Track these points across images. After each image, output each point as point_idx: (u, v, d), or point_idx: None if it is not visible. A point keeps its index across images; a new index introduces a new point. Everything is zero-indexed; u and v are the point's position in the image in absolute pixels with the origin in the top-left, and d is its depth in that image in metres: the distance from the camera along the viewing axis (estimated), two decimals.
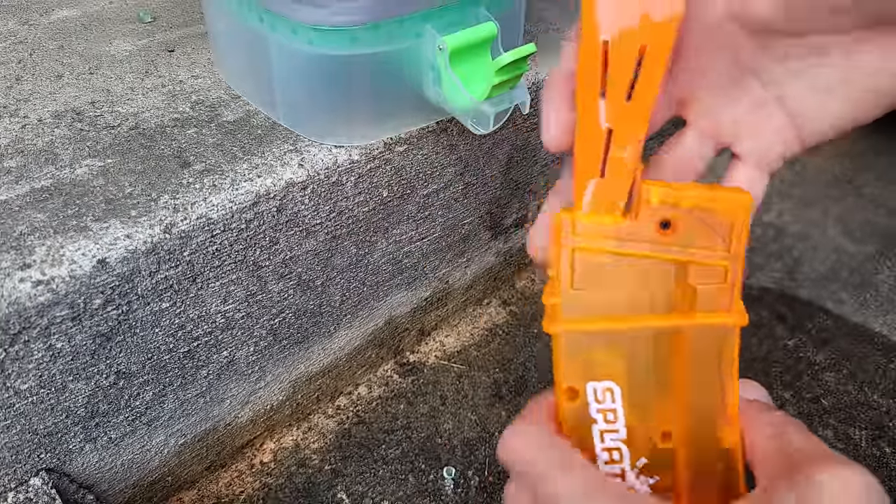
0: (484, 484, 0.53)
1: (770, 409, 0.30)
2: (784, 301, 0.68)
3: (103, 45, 0.56)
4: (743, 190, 0.30)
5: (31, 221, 0.39)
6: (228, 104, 0.49)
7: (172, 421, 0.48)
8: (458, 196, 0.54)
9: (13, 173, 0.42)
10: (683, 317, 0.30)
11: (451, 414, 0.58)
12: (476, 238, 0.60)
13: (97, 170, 0.43)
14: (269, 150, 0.45)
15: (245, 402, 0.52)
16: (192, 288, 0.42)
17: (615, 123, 0.30)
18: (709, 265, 0.29)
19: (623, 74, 0.29)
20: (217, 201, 0.41)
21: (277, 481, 0.54)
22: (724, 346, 0.30)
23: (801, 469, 0.27)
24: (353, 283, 0.52)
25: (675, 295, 0.30)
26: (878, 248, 0.75)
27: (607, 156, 0.30)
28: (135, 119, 0.47)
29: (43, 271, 0.36)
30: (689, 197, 0.29)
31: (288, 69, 0.43)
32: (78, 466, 0.44)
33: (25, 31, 0.57)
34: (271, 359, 0.51)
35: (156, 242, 0.39)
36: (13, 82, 0.50)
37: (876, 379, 0.61)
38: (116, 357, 0.41)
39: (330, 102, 0.43)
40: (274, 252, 0.45)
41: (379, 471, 0.54)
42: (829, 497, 0.26)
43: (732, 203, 0.29)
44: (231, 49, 0.48)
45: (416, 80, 0.43)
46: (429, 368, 0.62)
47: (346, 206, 0.47)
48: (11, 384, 0.38)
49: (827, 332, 0.65)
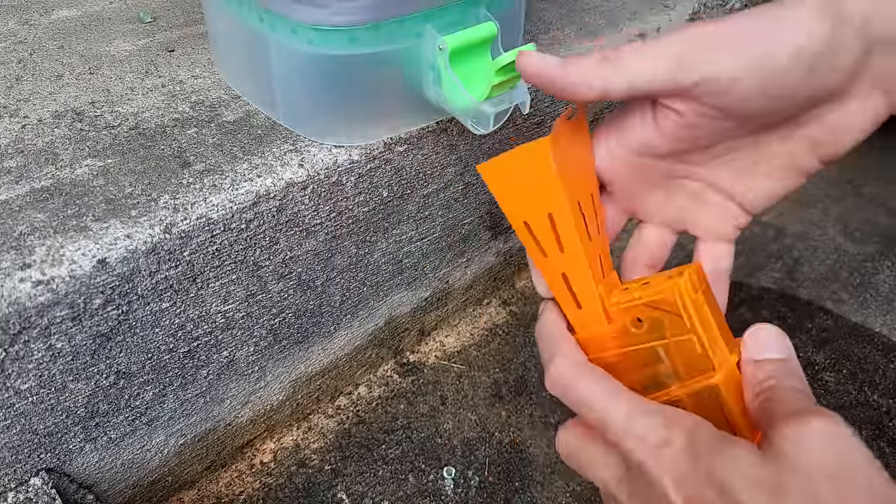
0: (484, 484, 0.53)
1: (771, 364, 0.33)
2: (784, 301, 0.68)
3: (103, 45, 0.56)
4: (689, 268, 0.35)
5: (31, 221, 0.39)
6: (228, 104, 0.49)
7: (172, 421, 0.48)
8: (458, 196, 0.54)
9: (13, 173, 0.42)
10: (678, 388, 0.36)
11: (451, 414, 0.58)
12: (476, 238, 0.60)
13: (97, 170, 0.43)
14: (269, 150, 0.45)
15: (245, 402, 0.52)
16: (192, 288, 0.42)
17: (564, 270, 0.38)
18: (681, 342, 0.35)
19: (547, 238, 0.37)
20: (217, 201, 0.41)
21: (277, 481, 0.54)
22: (720, 398, 0.35)
23: (775, 424, 0.30)
24: (353, 283, 0.52)
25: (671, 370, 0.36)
26: (878, 248, 0.75)
27: (573, 292, 0.38)
28: (135, 119, 0.47)
29: (43, 271, 0.36)
30: (642, 296, 0.35)
31: (288, 69, 0.43)
32: (78, 466, 0.44)
33: (25, 31, 0.57)
34: (271, 359, 0.51)
35: (156, 242, 0.39)
36: (13, 82, 0.50)
37: (876, 379, 0.61)
38: (116, 357, 0.41)
39: (330, 102, 0.43)
40: (274, 252, 0.45)
41: (379, 471, 0.54)
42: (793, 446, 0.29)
43: (673, 289, 0.34)
44: (231, 49, 0.48)
45: (416, 80, 0.43)
46: (429, 368, 0.62)
47: (346, 206, 0.47)
48: (11, 384, 0.38)
49: (827, 332, 0.65)
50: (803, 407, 0.30)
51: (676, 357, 0.35)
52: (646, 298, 0.35)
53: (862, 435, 0.56)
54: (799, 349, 0.63)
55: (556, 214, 0.37)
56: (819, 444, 0.29)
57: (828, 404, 0.59)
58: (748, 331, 0.35)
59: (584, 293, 0.38)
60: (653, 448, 0.31)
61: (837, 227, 0.78)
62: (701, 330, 0.34)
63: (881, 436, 0.56)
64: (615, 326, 0.37)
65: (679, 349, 0.35)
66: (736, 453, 0.30)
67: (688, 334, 0.34)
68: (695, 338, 0.34)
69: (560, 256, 0.38)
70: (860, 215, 0.79)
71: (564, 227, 0.37)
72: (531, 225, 0.38)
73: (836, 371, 0.62)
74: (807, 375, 0.45)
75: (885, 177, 0.85)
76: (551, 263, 0.38)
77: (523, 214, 0.38)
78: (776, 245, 0.75)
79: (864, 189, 0.83)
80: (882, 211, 0.80)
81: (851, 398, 0.59)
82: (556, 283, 0.38)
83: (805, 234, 0.77)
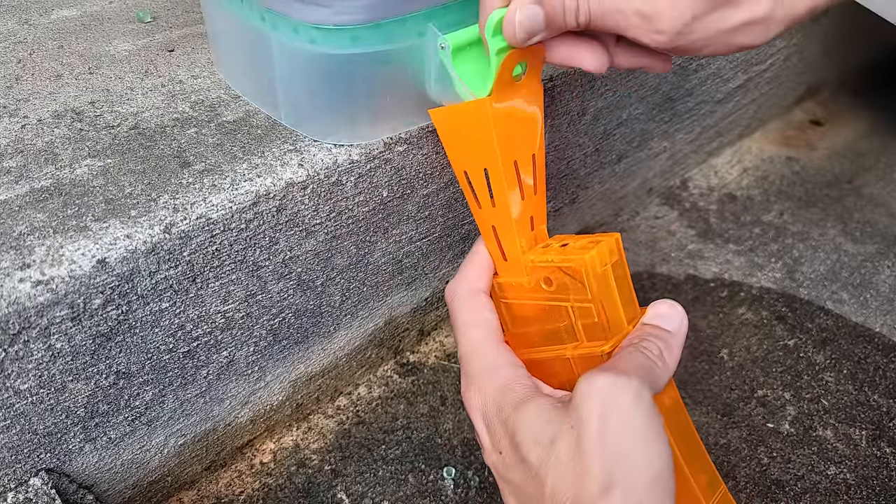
0: (484, 484, 0.53)
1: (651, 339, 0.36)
2: (784, 301, 0.68)
3: (103, 45, 0.56)
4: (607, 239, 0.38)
5: (31, 221, 0.39)
6: (228, 104, 0.49)
7: (172, 421, 0.47)
8: (458, 196, 0.54)
9: (13, 173, 0.42)
10: (573, 348, 0.39)
11: (451, 414, 0.58)
12: (476, 238, 0.60)
13: (97, 170, 0.43)
14: (268, 150, 0.45)
15: (245, 402, 0.52)
16: (191, 288, 0.42)
17: (494, 223, 0.41)
18: (582, 307, 0.38)
19: (482, 190, 0.40)
20: (217, 201, 0.41)
21: (277, 481, 0.54)
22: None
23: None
24: (353, 283, 0.52)
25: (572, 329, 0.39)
26: (878, 248, 0.75)
27: (500, 245, 0.41)
28: (135, 119, 0.47)
29: (43, 271, 0.36)
30: (554, 259, 0.38)
31: (289, 68, 0.43)
32: (78, 466, 0.44)
33: (25, 31, 0.57)
34: (271, 359, 0.51)
35: (156, 242, 0.39)
36: (13, 82, 0.50)
37: (876, 379, 0.61)
38: (116, 357, 0.41)
39: (332, 102, 0.43)
40: (274, 252, 0.45)
41: (379, 471, 0.54)
42: (580, 397, 0.32)
43: (581, 261, 0.37)
44: (231, 49, 0.48)
45: (418, 79, 0.43)
46: (429, 368, 0.62)
47: (346, 206, 0.47)
48: (11, 384, 0.38)
49: (827, 332, 0.65)
50: (615, 366, 0.34)
51: (578, 319, 0.39)
52: (557, 262, 0.38)
53: (862, 435, 0.56)
54: (799, 349, 0.63)
55: (491, 170, 0.39)
56: (598, 397, 0.32)
57: (828, 404, 0.59)
58: (652, 303, 0.39)
59: (509, 247, 0.41)
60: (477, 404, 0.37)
61: (837, 227, 0.78)
62: (601, 301, 0.37)
63: (881, 436, 0.56)
64: (530, 279, 0.40)
65: (580, 313, 0.38)
66: (529, 409, 0.34)
67: (588, 303, 0.37)
68: (593, 307, 0.37)
69: (491, 210, 0.40)
70: (860, 215, 0.79)
71: (497, 183, 0.39)
72: (469, 175, 0.41)
73: (836, 371, 0.62)
74: (807, 375, 0.46)
75: (886, 177, 0.85)
76: (484, 214, 0.41)
77: (464, 164, 0.41)
78: (776, 245, 0.75)
79: (864, 189, 0.83)
80: (882, 211, 0.80)
81: (851, 398, 0.59)
82: (487, 233, 0.41)
83: (805, 234, 0.77)
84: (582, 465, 0.30)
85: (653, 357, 0.35)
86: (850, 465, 0.54)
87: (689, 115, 0.75)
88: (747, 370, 0.62)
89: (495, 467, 0.36)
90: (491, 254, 0.42)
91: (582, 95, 0.59)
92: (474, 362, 0.38)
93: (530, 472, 0.33)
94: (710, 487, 0.38)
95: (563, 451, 0.31)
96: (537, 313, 0.41)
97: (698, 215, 0.79)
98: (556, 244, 0.40)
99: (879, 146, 0.91)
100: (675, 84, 0.69)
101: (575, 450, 0.31)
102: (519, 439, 0.33)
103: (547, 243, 0.41)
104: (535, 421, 0.33)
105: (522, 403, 0.35)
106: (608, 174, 0.70)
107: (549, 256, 0.38)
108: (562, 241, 0.41)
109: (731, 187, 0.83)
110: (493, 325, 0.40)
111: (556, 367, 0.40)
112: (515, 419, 0.34)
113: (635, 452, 0.30)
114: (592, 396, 0.32)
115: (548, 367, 0.41)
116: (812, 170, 0.86)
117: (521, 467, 0.33)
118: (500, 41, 0.37)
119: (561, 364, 0.39)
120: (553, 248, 0.40)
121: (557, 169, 0.63)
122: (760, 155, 0.88)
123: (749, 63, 0.78)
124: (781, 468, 0.54)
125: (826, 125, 0.94)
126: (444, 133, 0.41)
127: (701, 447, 0.40)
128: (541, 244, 0.41)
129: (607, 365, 0.34)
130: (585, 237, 0.40)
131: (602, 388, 0.32)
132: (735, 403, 0.59)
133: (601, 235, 0.39)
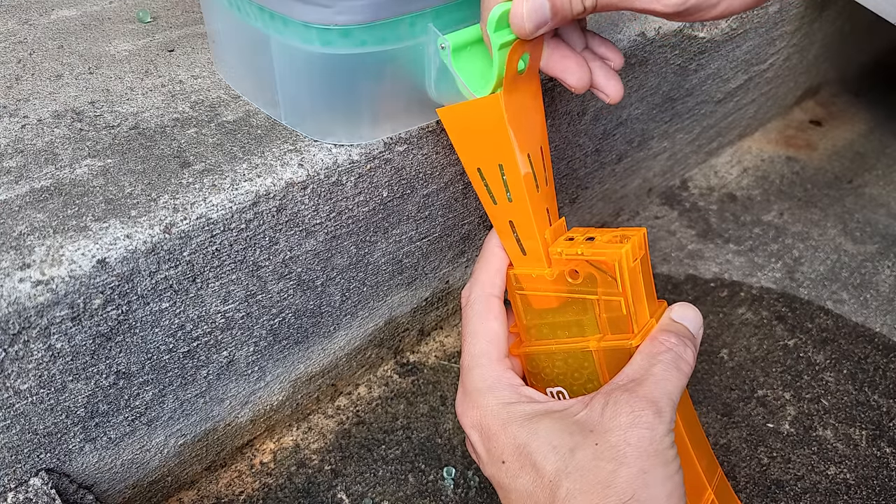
0: (484, 484, 0.53)
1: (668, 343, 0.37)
2: (784, 301, 0.68)
3: (103, 45, 0.56)
4: (636, 234, 0.38)
5: (31, 221, 0.39)
6: (228, 104, 0.49)
7: (172, 421, 0.47)
8: (458, 196, 0.54)
9: (13, 173, 0.42)
10: (596, 341, 0.39)
11: (451, 414, 0.58)
12: (476, 238, 0.60)
13: (97, 170, 0.43)
14: (268, 150, 0.45)
15: (245, 402, 0.52)
16: (191, 288, 0.42)
17: (512, 218, 0.40)
18: (609, 300, 0.38)
19: (497, 186, 0.40)
20: (217, 201, 0.41)
21: (277, 481, 0.54)
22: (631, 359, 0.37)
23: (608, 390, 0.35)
24: (353, 283, 0.52)
25: (595, 321, 0.39)
26: (878, 248, 0.75)
27: (518, 239, 0.40)
28: (135, 119, 0.47)
29: (43, 271, 0.36)
30: (584, 252, 0.38)
31: (290, 68, 0.43)
32: (78, 466, 0.44)
33: (25, 30, 0.57)
34: (271, 359, 0.51)
35: (156, 242, 0.39)
36: (13, 82, 0.50)
37: (876, 379, 0.61)
38: (116, 357, 0.41)
39: (332, 102, 0.43)
40: (274, 252, 0.45)
41: (379, 471, 0.54)
42: (606, 409, 0.33)
43: (615, 255, 0.37)
44: (231, 49, 0.48)
45: (419, 79, 0.43)
46: (429, 368, 0.62)
47: (346, 206, 0.47)
48: (11, 384, 0.38)
49: (827, 332, 0.65)
50: (641, 379, 0.35)
51: (603, 312, 0.38)
52: (587, 256, 0.38)
53: (862, 435, 0.56)
54: (799, 349, 0.63)
55: (506, 165, 0.39)
56: (625, 412, 0.33)
57: (828, 404, 0.59)
58: (676, 304, 0.40)
59: (528, 240, 0.40)
60: (474, 418, 0.38)
61: (837, 227, 0.78)
62: (631, 296, 0.37)
63: (881, 436, 0.56)
64: (553, 272, 0.39)
65: (606, 306, 0.38)
66: (544, 422, 0.35)
67: (618, 296, 0.38)
68: (623, 301, 0.37)
69: (508, 205, 0.40)
70: (860, 215, 0.79)
71: (513, 177, 0.39)
72: (483, 172, 0.40)
73: (836, 371, 0.62)
74: (807, 375, 0.46)
75: (886, 177, 0.85)
76: (500, 210, 0.41)
77: (476, 162, 0.41)
78: (776, 245, 0.75)
79: (864, 189, 0.83)
80: (882, 211, 0.80)
81: (851, 398, 0.59)
82: (503, 230, 0.41)
83: (805, 234, 0.77)
84: (603, 476, 0.31)
85: (678, 363, 0.36)
86: (850, 465, 0.54)
87: (689, 115, 0.75)
88: (747, 370, 0.62)
89: (496, 477, 0.37)
90: (507, 250, 0.42)
91: (582, 95, 0.59)
92: (475, 378, 0.39)
93: (542, 479, 0.33)
94: (709, 471, 0.39)
95: (585, 461, 0.32)
96: (556, 305, 0.40)
97: (698, 215, 0.79)
98: (580, 237, 0.40)
99: (879, 146, 0.91)
100: (675, 84, 0.69)
101: (597, 461, 0.32)
102: (532, 448, 0.34)
103: (569, 235, 0.41)
104: (552, 431, 0.34)
105: (535, 416, 0.35)
106: (608, 174, 0.70)
107: (579, 249, 0.38)
108: (585, 233, 0.41)
109: (731, 187, 0.83)
110: (498, 339, 0.40)
111: (570, 359, 0.40)
112: (528, 430, 0.35)
113: (655, 469, 0.31)
114: (620, 412, 0.33)
115: (555, 360, 0.41)
116: (812, 170, 0.86)
117: (532, 475, 0.34)
118: (503, 36, 0.37)
119: (578, 356, 0.40)
120: (578, 240, 0.40)
121: (557, 169, 0.63)
122: (760, 155, 0.88)
123: (749, 63, 0.77)
124: (781, 468, 0.54)
125: (826, 125, 0.94)
126: (453, 131, 0.41)
127: (702, 433, 0.40)
128: (563, 236, 0.41)
129: (632, 375, 0.35)
130: (609, 231, 0.40)
131: (626, 402, 0.33)
132: (735, 403, 0.59)
133: (627, 230, 0.39)
